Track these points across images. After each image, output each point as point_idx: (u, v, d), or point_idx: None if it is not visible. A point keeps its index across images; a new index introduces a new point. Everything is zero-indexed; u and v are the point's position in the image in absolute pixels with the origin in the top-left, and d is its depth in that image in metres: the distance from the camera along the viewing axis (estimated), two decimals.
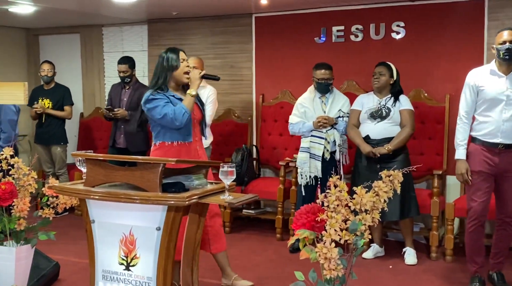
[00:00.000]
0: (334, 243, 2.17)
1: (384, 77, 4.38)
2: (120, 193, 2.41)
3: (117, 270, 2.52)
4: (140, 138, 5.33)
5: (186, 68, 3.35)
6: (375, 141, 4.32)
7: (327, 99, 4.60)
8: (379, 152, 4.23)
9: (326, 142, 4.49)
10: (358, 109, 4.49)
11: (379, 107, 4.37)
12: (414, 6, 4.95)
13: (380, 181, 2.23)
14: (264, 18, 5.63)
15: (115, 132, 5.35)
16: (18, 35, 6.92)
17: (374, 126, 4.34)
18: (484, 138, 3.55)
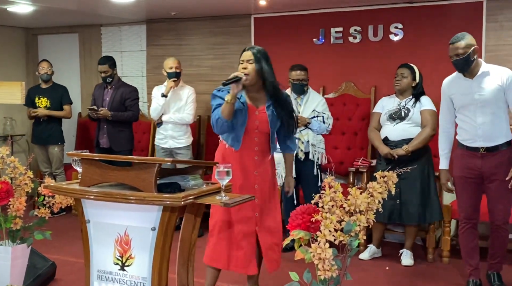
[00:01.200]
0: (329, 244, 2.17)
1: (406, 80, 4.33)
2: (115, 193, 2.40)
3: (112, 270, 2.52)
4: (123, 137, 5.32)
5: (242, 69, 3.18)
6: (393, 142, 4.29)
7: (302, 100, 4.61)
8: (396, 154, 4.21)
9: (300, 142, 4.48)
10: (378, 112, 4.48)
11: (398, 108, 4.34)
12: (412, 8, 4.96)
13: (375, 182, 2.23)
14: (263, 19, 5.64)
15: (99, 132, 5.34)
16: (17, 35, 6.93)
17: (393, 127, 4.31)
18: (465, 142, 3.56)
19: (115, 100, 5.25)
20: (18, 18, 6.00)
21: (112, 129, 5.27)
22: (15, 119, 6.68)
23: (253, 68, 3.12)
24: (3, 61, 6.72)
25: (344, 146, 5.15)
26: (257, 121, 3.18)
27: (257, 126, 3.18)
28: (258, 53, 3.15)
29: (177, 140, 5.00)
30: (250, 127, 3.18)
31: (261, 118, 3.19)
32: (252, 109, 3.19)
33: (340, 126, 5.11)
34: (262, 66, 3.13)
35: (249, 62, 3.12)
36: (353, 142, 5.13)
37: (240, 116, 3.15)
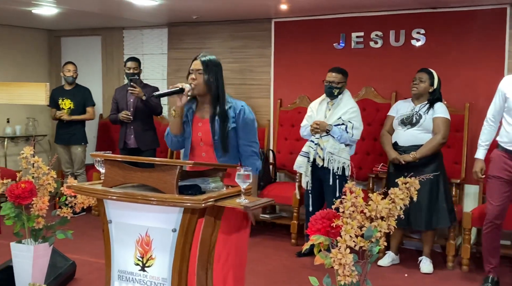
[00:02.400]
0: (349, 250, 2.17)
1: (423, 84, 4.30)
2: (137, 194, 2.42)
3: (132, 271, 2.54)
4: (149, 136, 5.42)
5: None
6: (402, 148, 4.27)
7: (333, 105, 4.51)
8: (404, 159, 4.19)
9: (319, 148, 4.41)
10: (392, 115, 4.46)
11: (411, 113, 4.31)
12: (435, 14, 4.93)
13: (396, 188, 2.22)
14: (283, 23, 5.65)
15: (125, 133, 5.41)
16: (40, 37, 7.04)
17: (404, 132, 4.29)
18: (506, 145, 3.62)
19: (140, 100, 5.31)
20: (42, 20, 6.10)
21: (138, 129, 5.36)
22: (37, 120, 6.78)
23: (202, 78, 2.90)
24: (27, 63, 6.84)
25: (363, 151, 5.13)
26: (200, 133, 2.97)
27: (200, 138, 2.96)
28: (209, 61, 2.93)
29: None
30: (194, 139, 2.98)
31: (204, 129, 2.96)
32: (197, 120, 2.99)
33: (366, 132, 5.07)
34: (210, 76, 2.90)
35: (198, 72, 2.90)
36: (373, 147, 5.10)
37: (186, 129, 2.99)
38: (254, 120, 3.01)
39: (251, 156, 2.98)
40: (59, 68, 6.21)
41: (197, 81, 2.90)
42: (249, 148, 2.97)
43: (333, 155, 4.35)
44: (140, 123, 5.36)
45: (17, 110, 6.48)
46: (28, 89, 3.34)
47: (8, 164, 6.42)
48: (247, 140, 2.97)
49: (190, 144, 2.98)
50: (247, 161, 2.97)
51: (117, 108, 5.46)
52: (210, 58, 2.96)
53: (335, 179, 4.36)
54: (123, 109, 5.39)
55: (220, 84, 2.96)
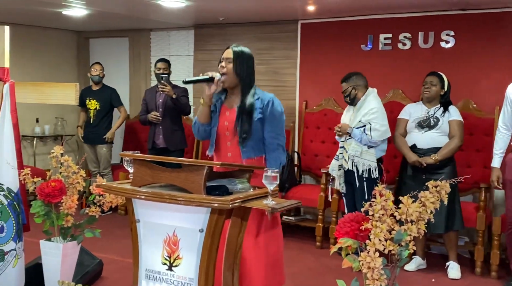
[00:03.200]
0: (378, 253, 2.14)
1: (435, 88, 4.30)
2: (165, 194, 2.44)
3: (160, 270, 2.56)
4: (178, 137, 5.45)
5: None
6: (422, 150, 4.25)
7: (357, 107, 4.48)
8: (425, 162, 4.16)
9: (345, 151, 4.40)
10: (405, 118, 4.42)
11: (427, 116, 4.29)
12: (465, 15, 4.85)
13: (427, 191, 2.19)
14: (310, 25, 5.63)
15: (154, 133, 5.45)
16: (69, 38, 7.16)
17: (422, 135, 4.27)
18: None
19: (169, 102, 5.36)
20: (70, 22, 6.20)
21: (167, 129, 5.40)
22: (66, 120, 6.89)
23: (232, 68, 2.91)
24: (56, 63, 6.96)
25: (390, 154, 5.06)
26: (227, 122, 2.97)
27: (226, 128, 2.96)
28: (240, 52, 2.93)
29: None
30: (220, 128, 2.98)
31: (231, 118, 2.95)
32: (224, 110, 3.00)
33: None
34: (242, 66, 2.92)
35: (228, 61, 2.92)
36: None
37: (213, 118, 3.00)
38: (282, 113, 2.98)
39: (277, 149, 2.95)
40: (87, 69, 6.30)
41: (226, 70, 2.91)
42: (275, 141, 2.95)
43: (355, 157, 4.33)
44: (168, 123, 5.41)
45: (46, 110, 6.60)
46: (59, 89, 3.38)
47: (37, 163, 6.54)
48: (273, 133, 2.94)
49: (216, 134, 2.99)
50: (272, 154, 2.95)
51: (147, 109, 5.51)
52: (242, 49, 2.97)
53: (362, 181, 4.33)
54: (152, 109, 5.44)
55: (250, 75, 2.95)
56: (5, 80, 3.23)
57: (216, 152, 3.06)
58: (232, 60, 2.91)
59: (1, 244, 3.08)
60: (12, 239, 3.08)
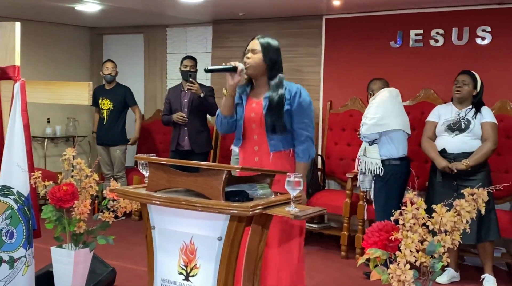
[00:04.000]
0: (409, 265, 2.11)
1: (467, 87, 4.24)
2: (181, 200, 2.44)
3: (176, 280, 2.56)
4: (203, 138, 5.46)
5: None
6: (452, 155, 4.19)
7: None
8: (456, 168, 4.10)
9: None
10: (434, 121, 4.37)
11: (457, 118, 4.24)
12: (502, 9, 4.78)
13: (463, 199, 2.16)
14: (335, 20, 5.60)
15: (179, 134, 5.46)
16: (82, 34, 7.23)
17: (452, 139, 4.21)
18: None
19: (195, 100, 5.37)
20: (84, 17, 6.27)
21: (193, 130, 5.40)
22: (78, 120, 6.96)
23: (259, 58, 2.96)
24: (68, 60, 7.04)
25: (421, 159, 5.01)
26: (253, 113, 2.99)
27: (253, 119, 2.98)
28: (266, 43, 2.99)
29: None
30: (247, 120, 3.01)
31: (257, 109, 2.98)
32: (251, 101, 3.03)
33: (417, 137, 4.96)
34: (269, 57, 2.96)
35: (254, 52, 2.97)
36: None
37: (239, 111, 3.03)
38: (310, 103, 3.01)
39: (306, 141, 2.98)
40: (101, 67, 6.36)
41: (251, 60, 2.96)
42: (304, 132, 2.97)
43: (360, 157, 4.38)
44: (194, 124, 5.40)
45: (57, 110, 6.68)
46: (71, 89, 3.41)
47: (48, 166, 6.62)
48: (302, 124, 2.97)
49: (243, 126, 3.02)
50: (301, 146, 2.97)
51: (170, 109, 5.52)
52: (268, 40, 3.02)
53: (372, 180, 4.38)
54: (176, 110, 5.44)
55: (278, 64, 2.99)
56: (15, 78, 3.27)
57: (242, 147, 3.08)
58: (258, 50, 2.96)
59: (10, 251, 3.11)
60: (22, 246, 3.11)
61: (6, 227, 3.11)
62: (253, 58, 2.98)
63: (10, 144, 3.14)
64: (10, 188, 3.12)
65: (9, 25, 3.33)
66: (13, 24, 3.31)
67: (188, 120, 5.37)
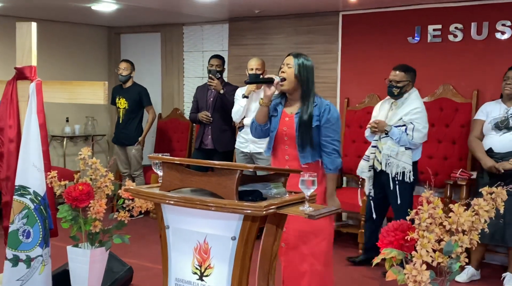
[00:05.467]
0: (426, 265, 2.07)
1: None
2: (195, 199, 2.43)
3: (190, 280, 2.55)
4: (226, 137, 5.47)
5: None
6: (499, 155, 4.10)
7: (397, 105, 4.36)
8: (503, 168, 4.00)
9: (378, 151, 4.29)
10: (481, 119, 4.28)
11: (505, 116, 4.13)
12: None
13: (481, 198, 2.10)
14: (352, 16, 5.55)
15: (203, 133, 5.49)
16: (100, 34, 7.27)
17: (499, 137, 4.12)
18: None
19: (218, 99, 5.38)
20: (101, 17, 6.29)
21: (216, 129, 5.46)
22: (96, 119, 7.01)
23: (292, 73, 3.14)
24: (86, 60, 7.08)
25: (440, 155, 4.94)
26: (285, 128, 3.21)
27: (285, 133, 3.21)
28: (301, 58, 3.17)
29: (258, 144, 5.00)
30: (279, 133, 3.23)
31: (290, 124, 3.20)
32: (284, 115, 3.24)
33: (435, 134, 4.90)
34: (301, 72, 3.14)
35: (288, 66, 3.16)
36: (451, 151, 4.90)
37: (273, 122, 3.25)
38: (338, 118, 3.24)
39: (333, 153, 3.19)
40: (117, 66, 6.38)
41: (286, 75, 3.16)
42: (330, 146, 3.19)
43: (390, 158, 4.22)
44: (218, 123, 5.46)
45: (76, 110, 6.73)
46: (87, 88, 3.41)
47: (67, 164, 6.67)
48: (329, 138, 3.18)
49: (275, 138, 3.25)
50: (328, 158, 3.19)
51: (197, 107, 5.58)
52: (303, 58, 3.21)
53: (395, 184, 4.24)
54: (202, 108, 5.52)
55: (310, 83, 3.19)
56: (32, 79, 3.29)
57: (273, 154, 3.31)
58: (292, 65, 3.15)
59: (27, 250, 3.13)
60: (38, 245, 3.13)
61: (22, 227, 3.13)
62: (287, 72, 3.15)
63: (26, 144, 3.16)
64: (26, 188, 3.14)
65: (26, 26, 3.35)
66: (30, 24, 3.33)
67: (212, 119, 5.40)
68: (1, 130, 3.34)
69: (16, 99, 3.35)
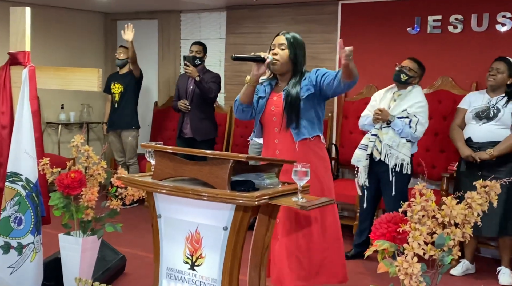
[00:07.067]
0: (417, 258, 2.07)
1: (501, 75, 4.13)
2: (188, 189, 2.43)
3: (181, 269, 2.56)
4: (205, 126, 5.45)
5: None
6: (477, 144, 4.11)
7: (400, 96, 4.36)
8: (479, 157, 4.02)
9: (378, 140, 4.27)
10: (464, 108, 4.29)
11: (487, 106, 4.14)
12: None
13: (474, 192, 2.10)
14: (351, 6, 5.52)
15: (182, 121, 5.50)
16: (96, 20, 7.23)
17: (478, 127, 4.13)
18: None
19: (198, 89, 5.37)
20: (97, 3, 6.26)
21: (194, 118, 5.44)
22: (92, 106, 6.98)
23: (285, 54, 3.03)
24: (81, 46, 7.04)
25: (437, 148, 4.94)
26: (273, 107, 3.08)
27: (274, 113, 3.07)
28: (292, 39, 3.05)
29: None
30: (267, 114, 3.10)
31: (278, 103, 3.07)
32: (273, 95, 3.11)
33: (432, 126, 4.89)
34: (296, 53, 3.04)
35: (280, 48, 3.04)
36: (448, 144, 4.89)
37: (260, 103, 3.12)
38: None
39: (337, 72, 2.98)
40: (115, 52, 6.35)
41: (279, 56, 3.03)
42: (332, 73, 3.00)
43: (391, 148, 4.22)
44: (197, 111, 5.43)
45: (71, 96, 6.70)
46: (81, 75, 3.39)
47: (62, 152, 6.66)
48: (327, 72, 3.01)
49: (263, 120, 3.11)
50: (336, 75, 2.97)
51: (179, 95, 5.58)
52: (294, 35, 3.08)
53: (393, 175, 4.24)
54: (183, 96, 5.50)
55: (303, 62, 3.08)
56: (25, 64, 3.27)
57: (264, 139, 3.19)
58: (285, 46, 3.03)
59: (19, 237, 3.13)
60: (30, 232, 3.13)
61: (14, 214, 3.13)
62: (281, 54, 3.05)
63: (18, 130, 3.15)
64: (18, 175, 3.14)
65: (19, 10, 3.33)
66: (23, 9, 3.31)
67: (191, 107, 5.38)
68: None
69: (10, 84, 3.33)
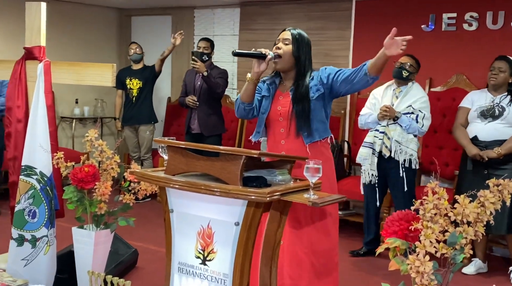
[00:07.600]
0: (429, 256, 2.06)
1: (503, 74, 4.14)
2: (200, 184, 2.44)
3: (193, 264, 2.57)
4: (213, 121, 5.47)
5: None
6: (483, 143, 4.10)
7: (401, 92, 4.38)
8: (487, 156, 4.01)
9: (386, 137, 4.29)
10: (467, 107, 4.29)
11: (491, 105, 4.14)
12: None
13: (487, 190, 2.09)
14: (365, 3, 5.50)
15: (190, 117, 5.52)
16: (110, 15, 7.27)
17: (484, 126, 4.12)
18: None
19: (205, 83, 5.38)
20: None
21: (202, 114, 5.44)
22: (106, 101, 7.03)
23: (289, 50, 2.92)
24: (96, 41, 7.09)
25: (450, 146, 4.91)
26: (280, 107, 2.97)
27: (280, 113, 2.97)
28: (298, 35, 2.94)
29: None
30: (273, 114, 2.99)
31: (284, 102, 2.96)
32: (278, 94, 3.00)
33: (446, 124, 4.87)
34: (299, 49, 2.93)
35: (284, 43, 2.93)
36: None
37: (264, 102, 3.01)
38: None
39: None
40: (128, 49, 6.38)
41: (282, 51, 2.92)
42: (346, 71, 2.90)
43: (400, 145, 4.25)
44: (204, 107, 5.44)
45: (85, 91, 6.75)
46: (95, 70, 3.41)
47: (76, 146, 6.72)
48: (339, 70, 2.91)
49: (268, 120, 3.00)
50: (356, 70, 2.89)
51: (186, 91, 5.59)
52: (300, 32, 2.98)
53: (403, 171, 4.27)
54: (190, 92, 5.52)
55: (307, 59, 2.96)
56: (40, 59, 3.30)
57: (268, 140, 3.08)
58: (289, 41, 2.93)
59: (33, 230, 3.16)
60: (44, 225, 3.16)
61: (28, 207, 3.16)
62: (284, 49, 2.94)
63: (33, 124, 3.18)
64: (33, 168, 3.17)
65: (35, 6, 3.35)
66: (39, 4, 3.33)
67: (199, 103, 5.39)
68: (9, 110, 3.37)
69: (25, 79, 3.36)
